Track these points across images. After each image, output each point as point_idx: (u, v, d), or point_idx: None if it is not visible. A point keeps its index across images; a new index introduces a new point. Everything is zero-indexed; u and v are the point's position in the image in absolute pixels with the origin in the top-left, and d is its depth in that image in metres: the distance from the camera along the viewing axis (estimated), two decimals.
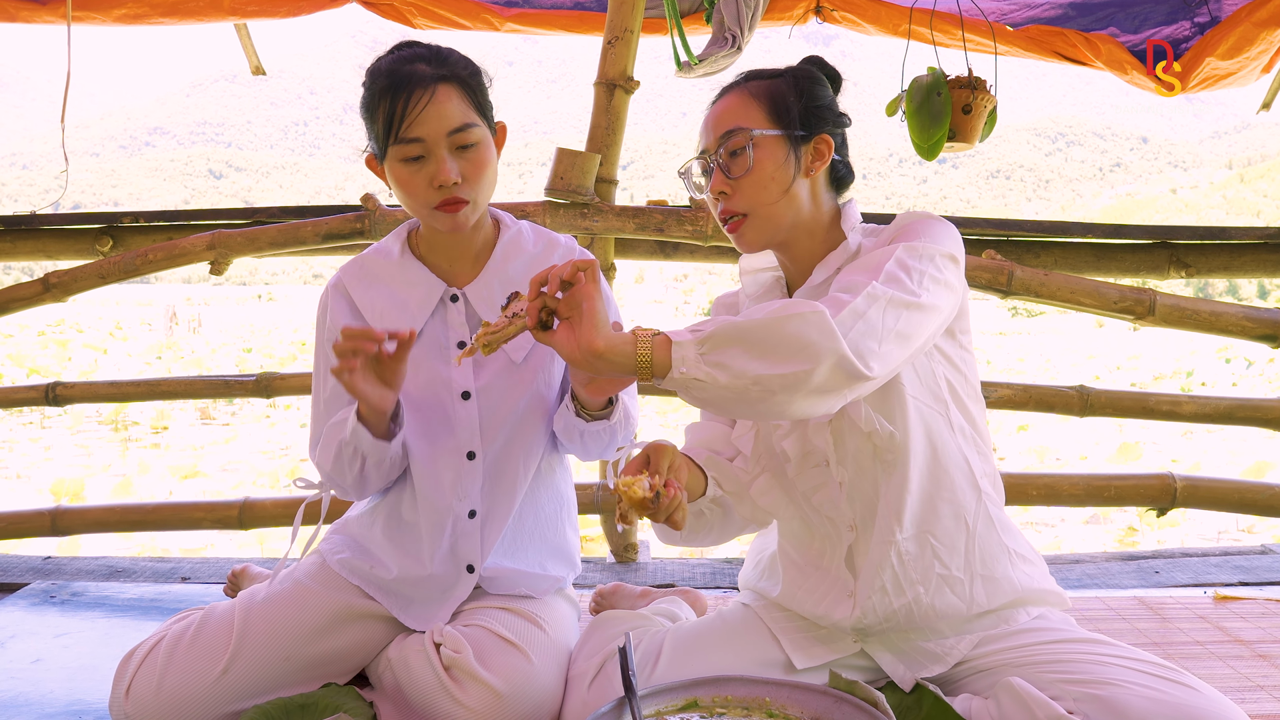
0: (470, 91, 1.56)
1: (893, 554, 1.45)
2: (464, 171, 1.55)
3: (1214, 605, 2.25)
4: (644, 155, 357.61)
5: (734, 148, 1.47)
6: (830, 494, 1.50)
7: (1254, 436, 8.68)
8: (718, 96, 1.56)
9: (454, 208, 1.55)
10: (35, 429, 10.01)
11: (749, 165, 1.45)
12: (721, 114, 1.50)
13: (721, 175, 1.48)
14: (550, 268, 1.27)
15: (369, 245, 2.79)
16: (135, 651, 1.57)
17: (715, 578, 2.55)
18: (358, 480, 1.60)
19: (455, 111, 1.53)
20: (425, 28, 3.30)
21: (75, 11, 3.00)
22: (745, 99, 1.50)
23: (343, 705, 1.56)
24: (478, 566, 1.67)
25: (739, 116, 1.48)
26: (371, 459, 1.57)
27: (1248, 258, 2.79)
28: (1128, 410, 2.85)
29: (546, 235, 1.76)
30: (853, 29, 3.25)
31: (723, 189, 1.48)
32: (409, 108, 1.50)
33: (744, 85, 1.52)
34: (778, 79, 1.52)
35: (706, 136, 1.52)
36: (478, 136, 1.55)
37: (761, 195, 1.46)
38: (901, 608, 1.47)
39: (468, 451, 1.65)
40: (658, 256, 2.87)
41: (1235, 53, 2.97)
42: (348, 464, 1.58)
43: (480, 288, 1.66)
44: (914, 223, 1.44)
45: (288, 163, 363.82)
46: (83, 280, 2.81)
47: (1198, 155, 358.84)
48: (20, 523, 2.93)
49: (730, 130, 1.47)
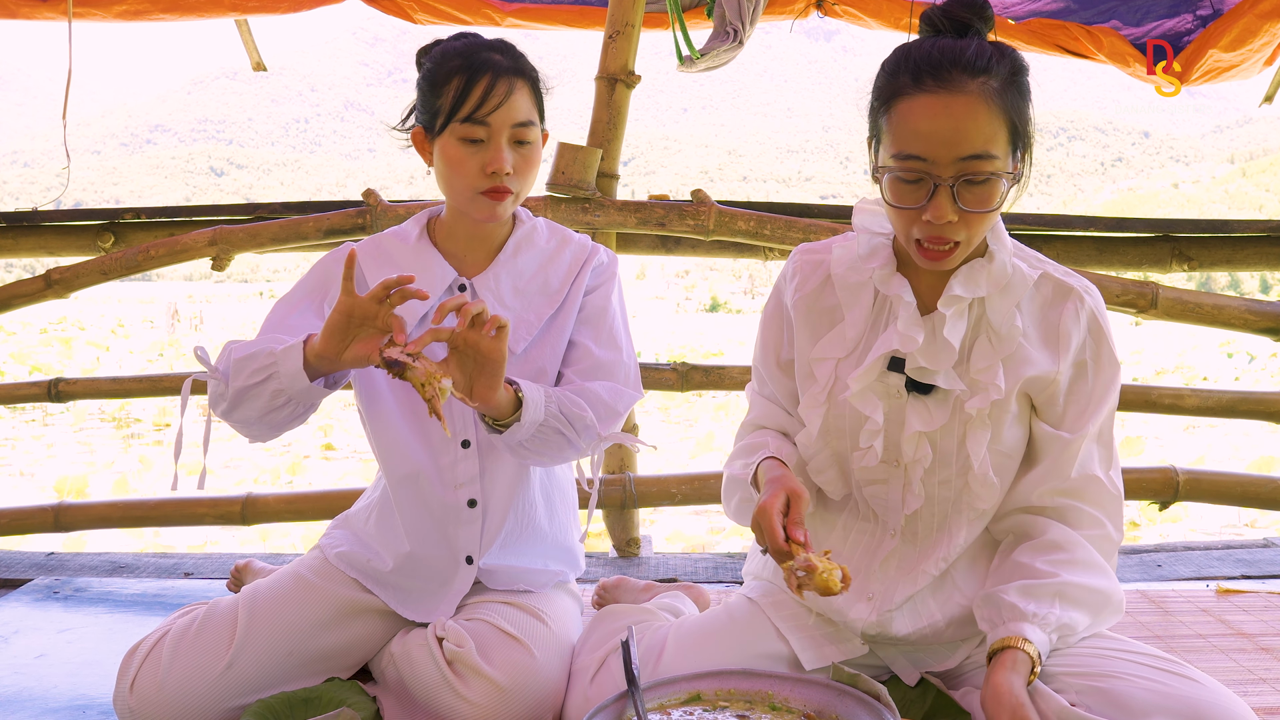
0: (536, 92, 1.61)
1: (922, 580, 1.47)
2: (515, 165, 1.57)
3: (1217, 599, 2.25)
4: (645, 151, 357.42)
5: (978, 178, 1.27)
6: (886, 494, 1.48)
7: (1257, 430, 8.68)
8: (932, 79, 1.27)
9: (499, 196, 1.57)
10: (38, 426, 10.02)
11: (994, 203, 1.29)
12: (963, 126, 1.26)
13: (953, 203, 1.28)
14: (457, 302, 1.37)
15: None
16: (140, 646, 1.57)
17: (718, 572, 2.56)
18: (242, 397, 1.49)
19: (523, 107, 1.57)
20: (426, 22, 3.30)
21: (76, 8, 3.01)
22: (991, 111, 1.27)
23: (346, 699, 1.57)
24: (477, 558, 1.67)
25: (988, 139, 1.27)
26: (282, 388, 1.48)
27: (1250, 251, 2.79)
28: (1130, 404, 2.84)
29: (561, 233, 1.75)
30: (854, 23, 3.24)
31: (952, 219, 1.29)
32: (488, 92, 1.53)
33: (979, 82, 1.27)
34: (1006, 79, 1.29)
35: (933, 146, 1.27)
36: (534, 136, 1.59)
37: (984, 226, 1.33)
38: (918, 629, 1.49)
39: (463, 440, 1.65)
40: (659, 251, 2.86)
41: (1238, 45, 2.97)
42: (252, 373, 1.48)
43: (488, 279, 1.66)
44: (1114, 371, 1.42)
45: (289, 159, 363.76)
46: (85, 277, 2.81)
47: (1199, 150, 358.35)
48: (23, 519, 2.93)
49: (978, 155, 1.27)
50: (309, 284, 1.68)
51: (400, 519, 1.66)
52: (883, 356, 1.42)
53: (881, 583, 1.48)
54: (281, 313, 1.65)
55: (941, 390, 1.42)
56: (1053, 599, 1.33)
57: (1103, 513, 1.40)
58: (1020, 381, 1.40)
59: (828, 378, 1.48)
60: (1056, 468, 1.40)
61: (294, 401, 1.51)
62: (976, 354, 1.41)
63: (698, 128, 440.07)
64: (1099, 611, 1.36)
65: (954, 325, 1.38)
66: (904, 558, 1.48)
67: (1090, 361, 1.41)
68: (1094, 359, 1.41)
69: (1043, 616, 1.31)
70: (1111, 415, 1.42)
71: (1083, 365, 1.41)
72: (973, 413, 1.40)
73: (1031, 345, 1.40)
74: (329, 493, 2.91)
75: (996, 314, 1.39)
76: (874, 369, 1.43)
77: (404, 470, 1.64)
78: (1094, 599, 1.35)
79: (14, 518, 2.94)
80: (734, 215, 2.67)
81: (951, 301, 1.38)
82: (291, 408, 1.53)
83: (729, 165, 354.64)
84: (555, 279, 1.69)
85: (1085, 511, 1.40)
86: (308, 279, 1.70)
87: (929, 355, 1.40)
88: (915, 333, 1.39)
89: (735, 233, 2.68)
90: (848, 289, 1.48)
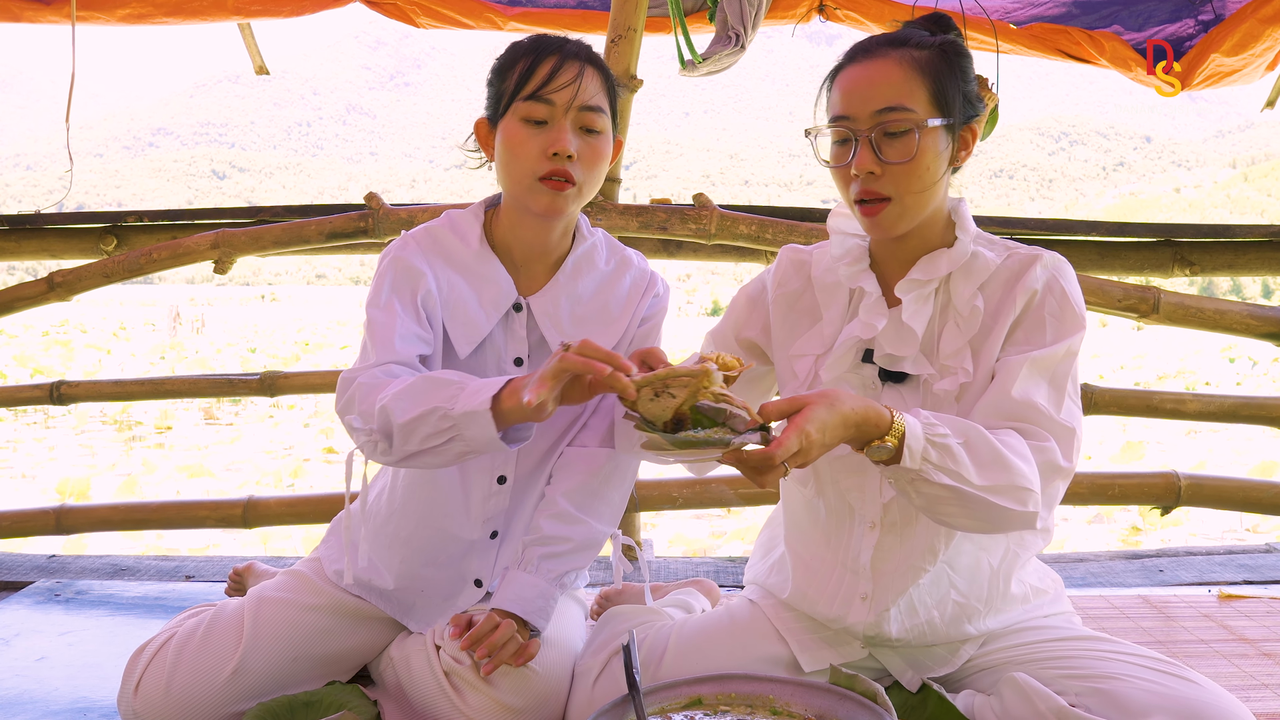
0: (609, 84, 1.52)
1: (915, 575, 1.46)
2: (581, 152, 1.48)
3: (1218, 604, 2.25)
4: (647, 155, 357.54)
5: (894, 128, 1.34)
6: (862, 485, 1.47)
7: (1259, 436, 8.66)
8: (861, 53, 1.40)
9: (560, 185, 1.47)
10: (40, 429, 10.02)
11: (911, 153, 1.35)
12: (878, 82, 1.36)
13: (872, 155, 1.36)
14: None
15: (373, 245, 2.81)
16: (145, 648, 1.57)
17: (719, 576, 2.55)
18: (414, 453, 1.38)
19: (593, 90, 1.48)
20: (429, 27, 3.30)
21: (79, 11, 3.01)
22: (907, 71, 1.36)
23: (347, 703, 1.56)
24: (486, 582, 1.66)
25: (901, 93, 1.35)
26: (463, 446, 1.35)
27: (1252, 255, 2.79)
28: (1132, 409, 2.84)
29: (620, 252, 1.68)
30: (856, 28, 3.24)
31: (872, 169, 1.36)
32: (555, 70, 1.45)
33: (901, 50, 1.37)
34: (935, 52, 1.38)
35: (853, 103, 1.37)
36: (604, 126, 1.51)
37: (913, 184, 1.37)
38: (914, 627, 1.48)
39: (499, 476, 1.60)
40: (661, 255, 2.86)
41: (1240, 49, 2.97)
42: (431, 434, 1.35)
43: (546, 301, 1.58)
44: (1075, 323, 1.38)
45: (291, 163, 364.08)
46: (87, 279, 2.82)
47: (1201, 154, 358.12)
48: (25, 521, 2.94)
49: (892, 107, 1.34)
50: (393, 283, 1.53)
51: (412, 545, 1.62)
52: (853, 347, 1.45)
53: (875, 582, 1.48)
54: (386, 326, 1.49)
55: (915, 378, 1.44)
56: (951, 422, 1.28)
57: (1050, 435, 1.33)
58: (991, 360, 1.40)
59: (807, 373, 1.51)
60: (998, 387, 1.36)
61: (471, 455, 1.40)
62: (945, 339, 1.42)
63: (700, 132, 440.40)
64: (991, 473, 1.25)
65: (916, 310, 1.41)
66: (892, 552, 1.46)
67: (1047, 315, 1.38)
68: (1051, 312, 1.38)
69: (927, 417, 1.27)
70: (1067, 364, 1.37)
71: (1039, 313, 1.39)
72: (940, 394, 1.41)
73: (998, 324, 1.40)
74: (330, 496, 2.90)
75: (960, 296, 1.42)
76: (844, 359, 1.46)
77: (433, 499, 1.59)
78: (993, 458, 1.26)
79: (15, 520, 2.94)
80: (736, 219, 2.68)
81: (910, 286, 1.42)
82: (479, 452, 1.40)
83: (731, 169, 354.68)
84: (615, 306, 1.62)
85: (1030, 430, 1.33)
86: (390, 280, 1.53)
87: (892, 341, 1.42)
88: (876, 320, 1.43)
89: (737, 237, 2.68)
90: (825, 289, 1.52)
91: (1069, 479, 1.34)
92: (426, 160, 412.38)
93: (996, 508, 1.25)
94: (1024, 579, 1.54)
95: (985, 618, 1.50)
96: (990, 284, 1.42)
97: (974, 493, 1.24)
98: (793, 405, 1.20)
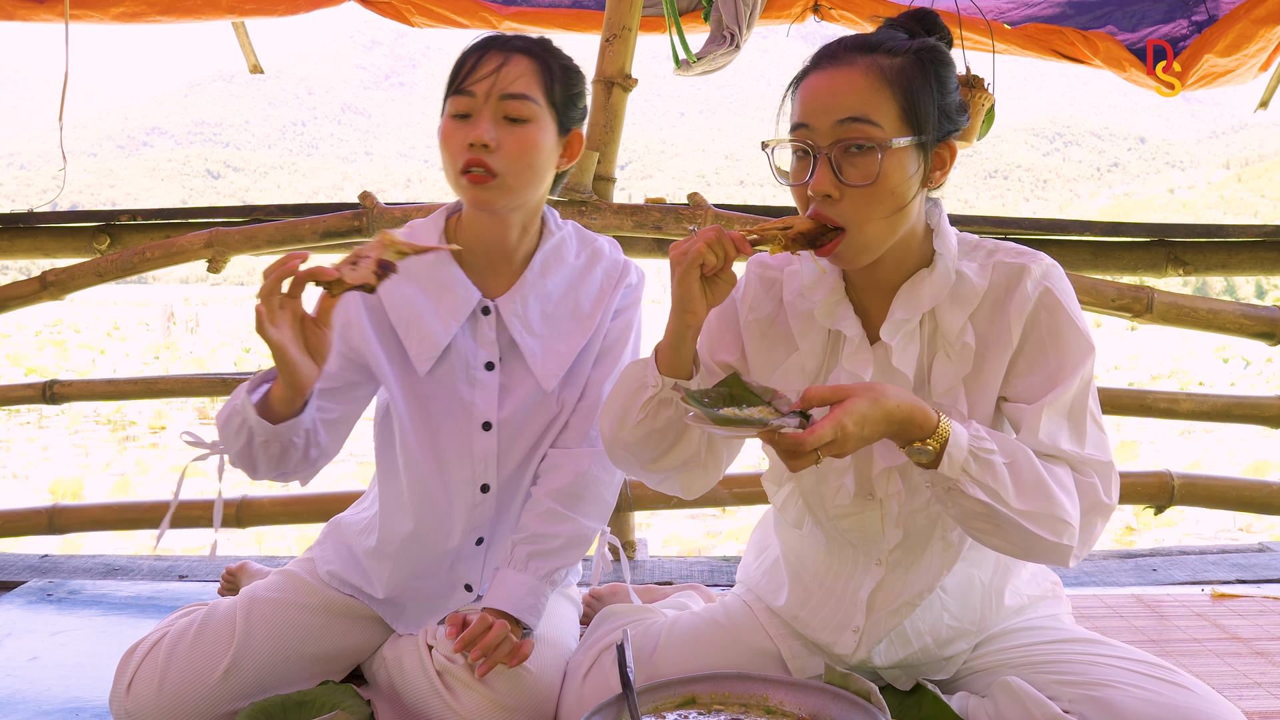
0: (545, 72, 1.47)
1: (906, 612, 1.43)
2: (503, 142, 1.43)
3: (1212, 603, 2.25)
4: (642, 155, 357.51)
5: (854, 142, 1.21)
6: (863, 527, 1.41)
7: (1252, 435, 8.68)
8: (827, 59, 1.26)
9: (478, 178, 1.43)
10: (33, 429, 9.99)
11: (874, 175, 1.21)
12: (841, 90, 1.22)
13: (831, 175, 1.23)
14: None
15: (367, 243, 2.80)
16: (137, 648, 1.56)
17: (713, 576, 2.55)
18: (243, 456, 1.40)
19: (516, 78, 1.44)
20: (424, 26, 3.30)
21: (73, 9, 3.00)
22: (874, 80, 1.22)
23: (340, 703, 1.56)
24: (476, 587, 1.66)
25: (866, 104, 1.21)
26: (259, 438, 1.37)
27: (1245, 255, 2.79)
28: (1125, 408, 2.85)
29: (591, 243, 1.65)
30: (850, 27, 3.24)
31: (830, 191, 1.23)
32: (477, 63, 1.44)
33: (869, 58, 1.24)
34: (909, 58, 1.24)
35: (813, 112, 1.24)
36: (530, 114, 1.45)
37: (875, 210, 1.23)
38: (907, 655, 1.47)
39: (482, 484, 1.60)
40: (656, 255, 2.86)
41: (1233, 50, 2.98)
42: (234, 434, 1.38)
43: (513, 302, 1.56)
44: (1082, 347, 1.28)
45: (285, 163, 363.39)
46: (80, 278, 2.80)
47: (1195, 155, 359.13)
48: (18, 521, 2.93)
49: (854, 118, 1.21)
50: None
51: (400, 560, 1.61)
52: None
53: (868, 616, 1.44)
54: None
55: None
56: (1002, 440, 1.22)
57: (1094, 472, 1.27)
58: (988, 395, 1.33)
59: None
60: (1022, 438, 1.28)
61: (278, 445, 1.39)
62: (937, 374, 1.34)
63: (694, 131, 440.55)
64: (1030, 498, 1.19)
65: (903, 351, 1.32)
66: (893, 589, 1.43)
67: (1047, 336, 1.29)
68: (1051, 333, 1.29)
69: (977, 429, 1.20)
70: (1084, 394, 1.28)
71: (1038, 335, 1.30)
72: None
73: (992, 353, 1.32)
74: (324, 495, 2.90)
75: (947, 325, 1.32)
76: None
77: (418, 515, 1.59)
78: (1035, 484, 1.20)
79: (8, 520, 2.93)
80: (730, 219, 2.67)
81: (895, 328, 1.32)
82: (283, 447, 1.40)
83: (725, 169, 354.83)
84: (586, 301, 1.60)
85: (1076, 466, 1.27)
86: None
87: None
88: (863, 369, 1.34)
89: None
90: (799, 318, 1.41)
91: (1109, 517, 1.27)
92: (421, 160, 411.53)
93: (1030, 534, 1.19)
94: (1018, 589, 1.52)
95: (979, 636, 1.50)
96: (979, 310, 1.32)
97: (1009, 514, 1.18)
98: (835, 395, 1.13)
